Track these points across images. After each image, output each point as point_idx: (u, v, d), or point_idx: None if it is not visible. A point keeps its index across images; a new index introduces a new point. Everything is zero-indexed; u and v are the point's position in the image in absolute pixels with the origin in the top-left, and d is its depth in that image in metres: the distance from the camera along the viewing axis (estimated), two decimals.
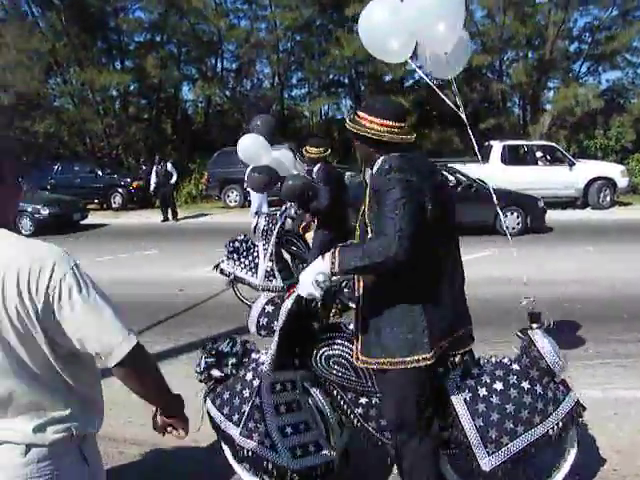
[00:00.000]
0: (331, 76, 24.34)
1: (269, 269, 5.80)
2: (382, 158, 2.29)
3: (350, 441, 2.80)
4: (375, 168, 2.31)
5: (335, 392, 2.60)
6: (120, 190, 17.45)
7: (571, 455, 2.51)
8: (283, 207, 5.74)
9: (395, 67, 19.43)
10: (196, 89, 23.16)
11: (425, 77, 3.57)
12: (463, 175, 11.45)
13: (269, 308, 2.60)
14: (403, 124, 2.32)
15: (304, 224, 5.95)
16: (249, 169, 5.77)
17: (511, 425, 2.31)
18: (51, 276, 1.35)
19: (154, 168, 15.07)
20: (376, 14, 3.28)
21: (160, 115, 24.93)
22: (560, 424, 2.36)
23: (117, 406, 3.95)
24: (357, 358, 2.38)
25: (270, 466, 2.49)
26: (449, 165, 12.14)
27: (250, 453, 2.50)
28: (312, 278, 2.16)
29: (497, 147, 14.67)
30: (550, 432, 2.34)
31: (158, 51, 22.98)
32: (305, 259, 5.97)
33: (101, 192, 17.43)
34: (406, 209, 2.08)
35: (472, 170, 11.98)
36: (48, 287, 1.35)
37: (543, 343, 2.39)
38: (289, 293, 2.42)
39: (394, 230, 2.04)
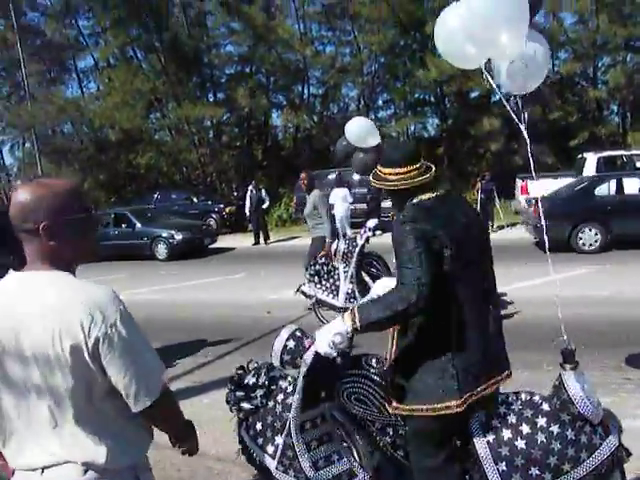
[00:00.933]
0: (416, 95, 24.27)
1: (350, 291, 5.93)
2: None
3: (381, 462, 2.77)
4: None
5: (362, 422, 2.60)
6: (214, 215, 18.36)
7: None
8: (362, 229, 5.86)
9: (482, 83, 18.94)
10: (284, 116, 23.93)
11: (495, 88, 3.49)
12: None
13: (291, 344, 2.54)
14: (416, 165, 2.31)
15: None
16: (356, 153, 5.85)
17: (537, 471, 2.15)
18: (102, 320, 1.52)
19: (248, 193, 15.77)
20: (450, 19, 3.23)
21: (251, 142, 25.97)
22: (596, 471, 2.17)
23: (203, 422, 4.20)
24: (389, 403, 2.39)
25: None
26: None
27: None
28: (329, 338, 2.17)
29: (591, 159, 13.93)
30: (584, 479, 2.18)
31: (247, 82, 24.07)
32: None
33: (196, 218, 18.40)
34: (422, 258, 2.08)
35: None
36: (99, 331, 1.51)
37: (575, 387, 2.20)
38: (308, 345, 2.41)
39: (412, 279, 2.06)
